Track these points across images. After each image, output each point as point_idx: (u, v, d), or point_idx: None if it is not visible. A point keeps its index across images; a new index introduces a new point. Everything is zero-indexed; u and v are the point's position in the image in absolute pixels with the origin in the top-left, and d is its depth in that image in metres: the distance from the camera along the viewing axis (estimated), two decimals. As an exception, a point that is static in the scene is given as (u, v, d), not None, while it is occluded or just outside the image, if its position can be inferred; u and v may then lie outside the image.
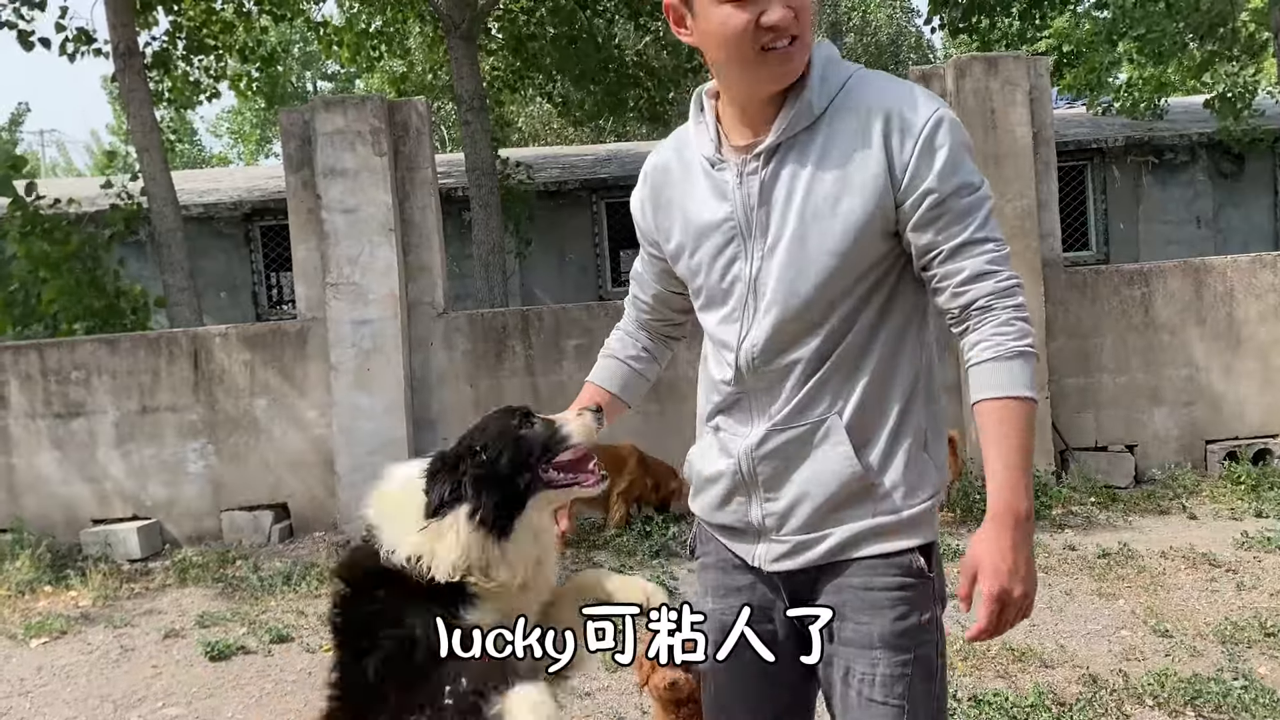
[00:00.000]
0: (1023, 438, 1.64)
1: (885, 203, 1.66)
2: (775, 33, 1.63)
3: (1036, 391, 1.66)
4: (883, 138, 1.65)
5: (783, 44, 1.65)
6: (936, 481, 1.79)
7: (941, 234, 1.66)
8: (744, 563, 1.87)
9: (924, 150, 1.63)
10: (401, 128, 7.29)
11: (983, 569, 1.61)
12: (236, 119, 34.60)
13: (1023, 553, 1.62)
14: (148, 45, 10.76)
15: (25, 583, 6.24)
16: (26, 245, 8.57)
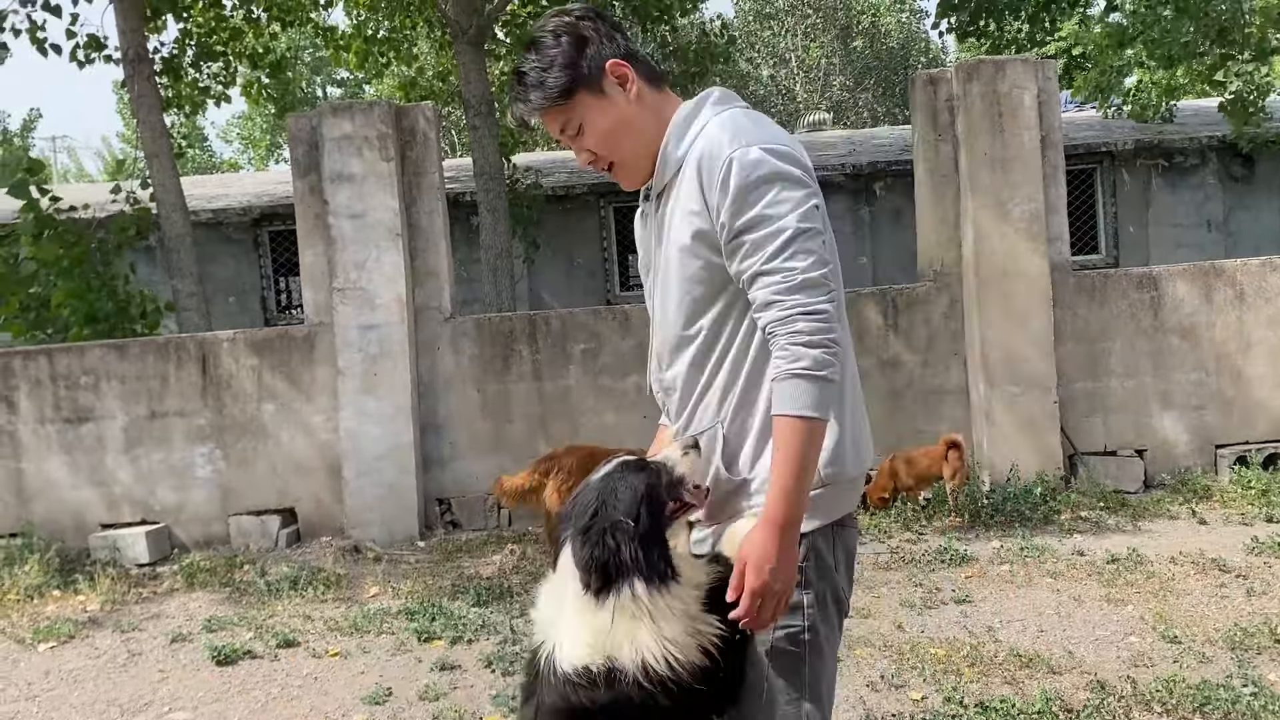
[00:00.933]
0: (789, 452, 1.79)
1: (712, 238, 1.89)
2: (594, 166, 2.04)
3: (814, 410, 1.79)
4: (699, 181, 1.89)
5: (605, 171, 2.05)
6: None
7: (743, 264, 1.86)
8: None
9: (721, 189, 1.84)
10: (409, 133, 7.31)
11: (748, 566, 1.79)
12: (247, 125, 34.73)
13: (784, 554, 1.79)
14: (157, 52, 10.81)
15: (34, 587, 6.26)
16: (38, 249, 8.61)
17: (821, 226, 1.87)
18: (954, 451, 6.61)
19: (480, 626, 5.09)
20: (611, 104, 1.98)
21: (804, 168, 1.88)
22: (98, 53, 10.62)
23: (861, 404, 2.04)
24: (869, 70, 31.83)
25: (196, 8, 11.43)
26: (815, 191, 1.89)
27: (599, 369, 7.32)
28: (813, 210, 1.86)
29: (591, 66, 1.96)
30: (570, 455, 6.46)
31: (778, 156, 1.85)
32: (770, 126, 1.94)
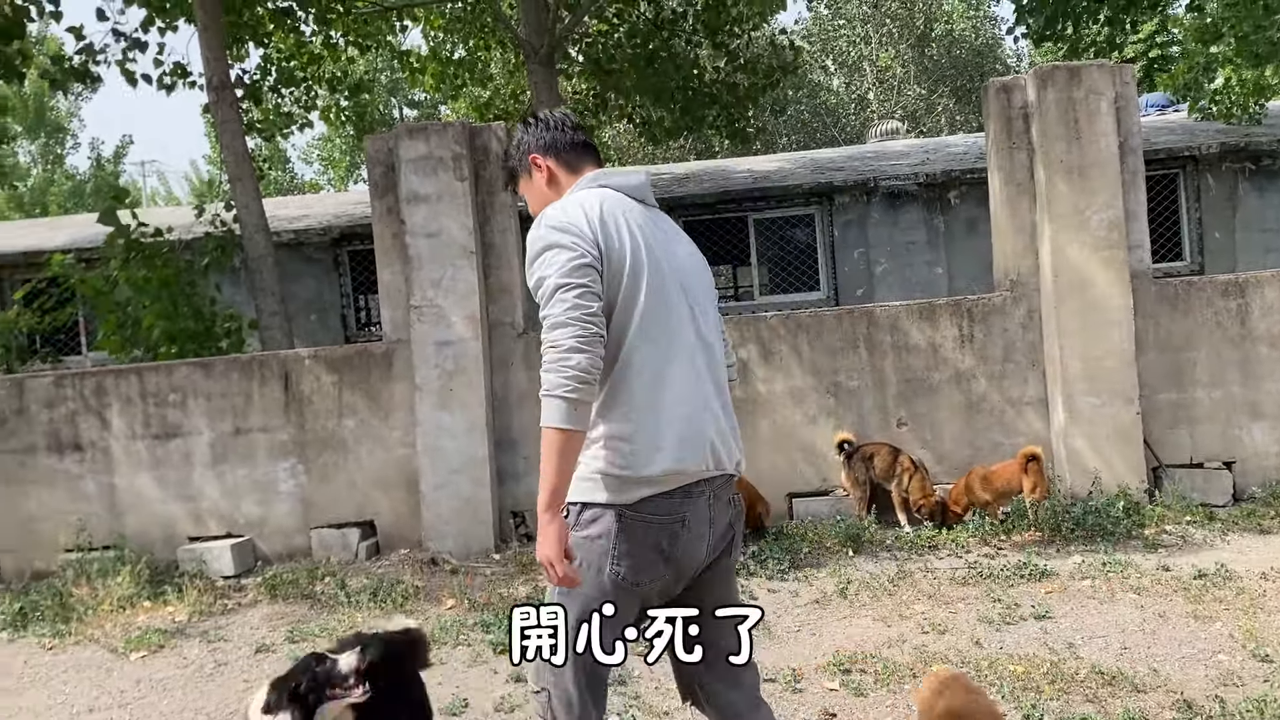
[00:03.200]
0: (543, 454, 2.42)
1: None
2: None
3: (552, 421, 2.39)
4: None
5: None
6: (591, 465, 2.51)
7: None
8: None
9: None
10: (482, 152, 7.44)
11: (537, 545, 2.45)
12: (327, 146, 35.60)
13: (543, 532, 2.42)
14: (240, 78, 11.17)
15: (125, 598, 6.48)
16: (127, 272, 8.94)
17: (571, 290, 2.41)
18: (1033, 465, 6.49)
19: (554, 639, 5.13)
20: (533, 185, 2.77)
21: (574, 233, 2.45)
22: (183, 80, 11.02)
23: (673, 412, 2.50)
24: (944, 78, 31.45)
25: (277, 34, 11.79)
26: (574, 251, 2.43)
27: (670, 383, 7.34)
28: (575, 268, 2.42)
29: (520, 159, 2.77)
30: None
31: (549, 228, 2.48)
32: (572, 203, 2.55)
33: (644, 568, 2.51)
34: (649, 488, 2.48)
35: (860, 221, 13.45)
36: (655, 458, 2.47)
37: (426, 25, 13.44)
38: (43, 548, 7.52)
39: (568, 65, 13.15)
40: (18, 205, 30.27)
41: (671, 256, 2.64)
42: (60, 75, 10.01)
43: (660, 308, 2.54)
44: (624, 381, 2.50)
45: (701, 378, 2.61)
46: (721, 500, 2.67)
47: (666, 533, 2.52)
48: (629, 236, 2.52)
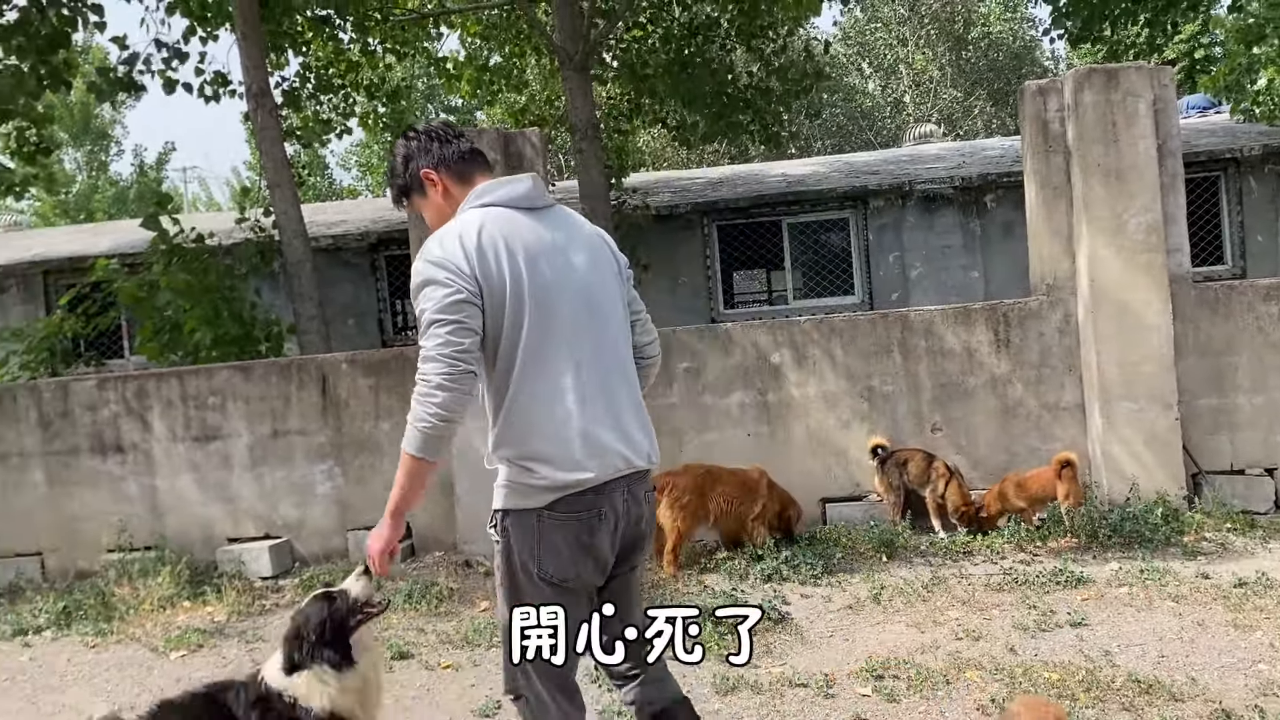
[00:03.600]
0: (399, 473, 2.68)
1: None
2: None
3: (408, 447, 2.62)
4: None
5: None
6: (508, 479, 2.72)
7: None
8: None
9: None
10: (517, 158, 7.49)
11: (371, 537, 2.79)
12: (364, 152, 35.93)
13: (381, 530, 2.77)
14: (279, 86, 11.32)
15: (166, 598, 6.59)
16: (169, 277, 9.10)
17: (445, 326, 2.55)
18: (1067, 471, 6.42)
19: (586, 642, 5.16)
20: (429, 201, 2.87)
21: (451, 270, 2.58)
22: (223, 88, 11.19)
23: (572, 428, 2.65)
24: (981, 80, 31.22)
25: (316, 42, 11.94)
26: (450, 287, 2.57)
27: (702, 387, 7.35)
28: (450, 304, 2.57)
29: (411, 177, 2.87)
30: (685, 474, 6.52)
31: (428, 264, 2.62)
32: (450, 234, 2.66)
33: (568, 563, 2.67)
34: (555, 491, 2.65)
35: (895, 225, 13.38)
36: (561, 473, 2.64)
37: (463, 32, 13.55)
38: (85, 548, 7.66)
39: (602, 70, 13.20)
40: (63, 211, 30.84)
41: (565, 267, 2.74)
42: (105, 85, 10.20)
43: (550, 327, 2.66)
44: (520, 404, 2.67)
45: (600, 385, 2.73)
46: (635, 495, 2.80)
47: (585, 527, 2.68)
48: (509, 263, 2.64)
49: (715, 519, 6.54)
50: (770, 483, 6.69)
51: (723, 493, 6.51)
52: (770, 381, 7.33)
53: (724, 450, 7.19)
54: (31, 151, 11.47)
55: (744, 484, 6.60)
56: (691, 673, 4.71)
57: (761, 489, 6.62)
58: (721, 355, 7.35)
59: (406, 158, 2.87)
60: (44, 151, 11.61)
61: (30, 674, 5.56)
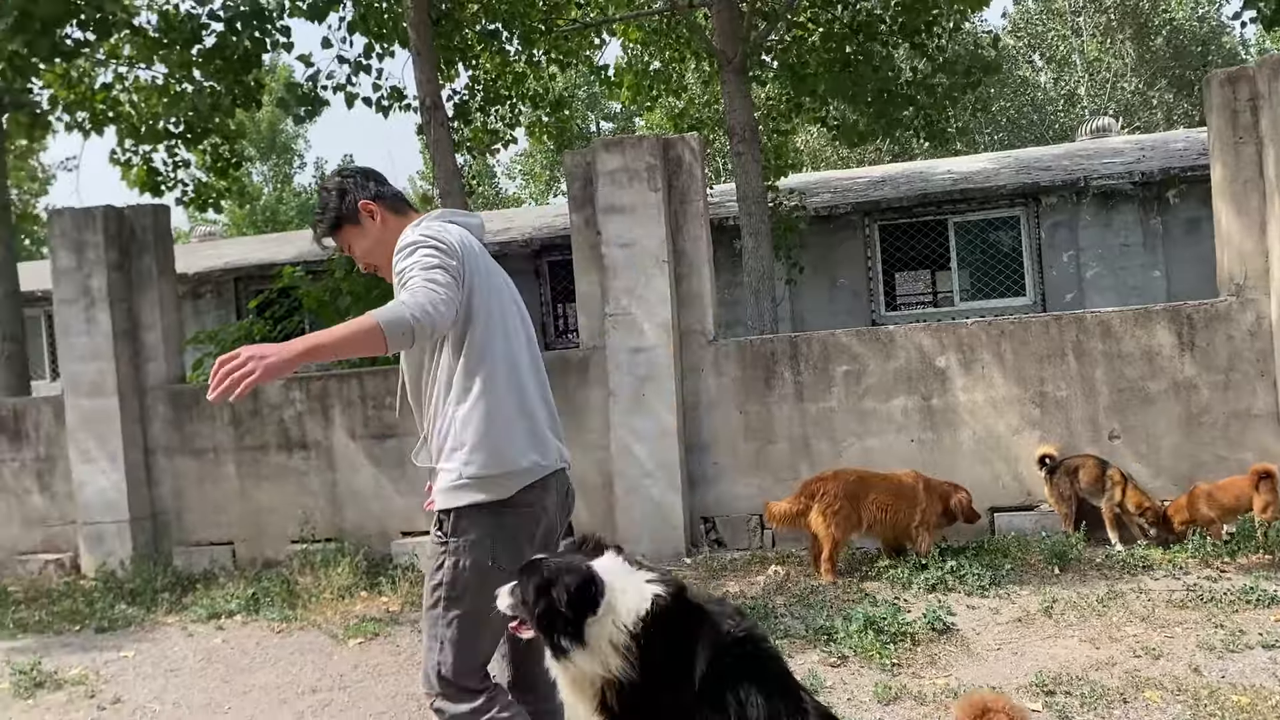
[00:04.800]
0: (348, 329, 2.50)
1: None
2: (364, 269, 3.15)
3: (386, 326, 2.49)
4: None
5: (372, 271, 3.11)
6: (463, 472, 2.78)
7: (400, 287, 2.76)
8: None
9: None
10: (675, 163, 7.56)
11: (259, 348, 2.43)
12: (528, 161, 36.94)
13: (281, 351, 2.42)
14: (450, 99, 11.77)
15: (345, 587, 6.95)
16: (349, 282, 9.60)
17: (445, 273, 2.68)
18: (1266, 482, 6.01)
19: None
20: (366, 231, 3.02)
21: (444, 244, 2.76)
22: (398, 102, 11.71)
23: (516, 421, 2.83)
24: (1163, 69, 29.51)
25: (484, 55, 12.36)
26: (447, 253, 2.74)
27: (863, 391, 7.24)
28: (438, 260, 2.71)
29: (348, 209, 3.01)
30: (836, 480, 6.44)
31: (424, 235, 2.78)
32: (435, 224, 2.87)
33: (519, 553, 2.79)
34: (518, 480, 2.82)
35: (1070, 223, 12.82)
36: (521, 454, 2.83)
37: (624, 39, 13.76)
38: (272, 538, 8.17)
39: (761, 72, 13.16)
40: (252, 222, 32.94)
41: (508, 290, 3.02)
42: (293, 101, 10.84)
43: (508, 326, 2.92)
44: (485, 391, 2.82)
45: (540, 388, 2.99)
46: (563, 491, 3.03)
47: (533, 520, 2.88)
48: (481, 264, 2.90)
49: (869, 526, 6.42)
50: (927, 484, 6.51)
51: (876, 500, 6.38)
52: (935, 386, 7.15)
53: (885, 456, 7.06)
54: (225, 166, 12.29)
55: (899, 490, 6.44)
56: (852, 680, 4.65)
57: (919, 494, 6.45)
58: (883, 359, 7.21)
59: (342, 192, 3.04)
60: (236, 166, 12.42)
61: (223, 655, 5.97)
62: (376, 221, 3.02)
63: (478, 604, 2.77)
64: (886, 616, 5.25)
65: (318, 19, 9.97)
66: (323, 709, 4.89)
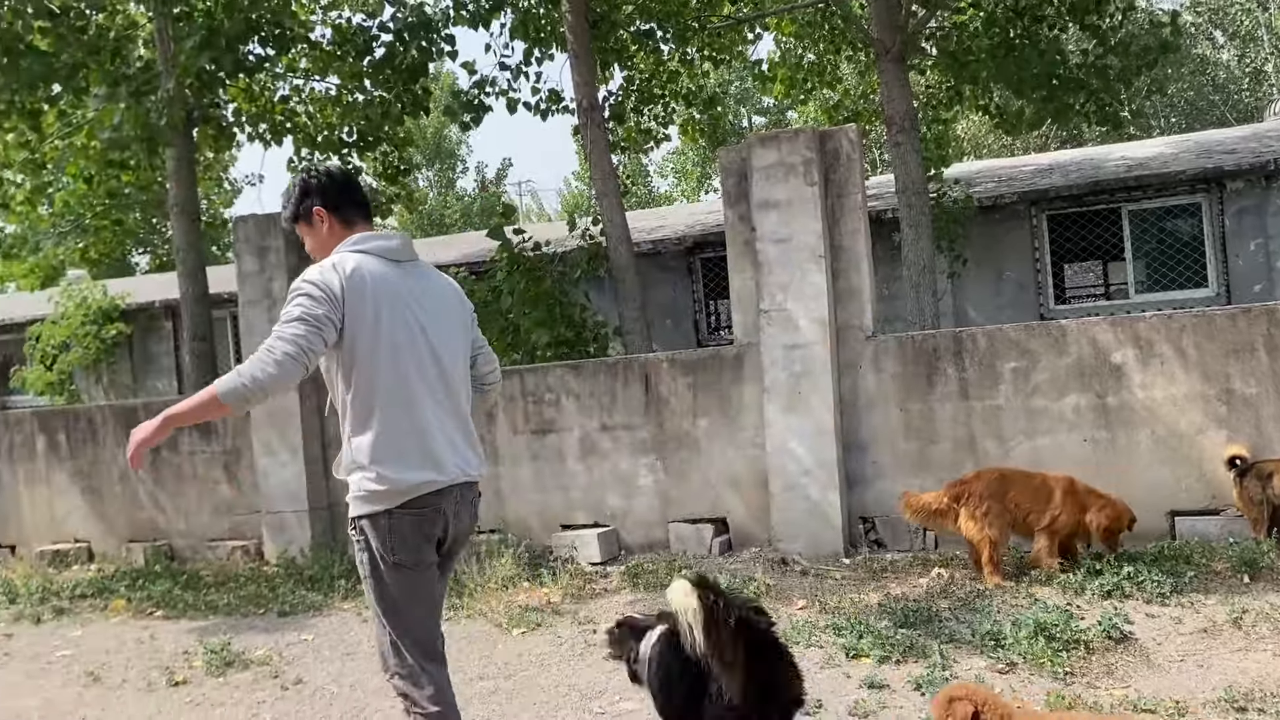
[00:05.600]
0: (195, 401, 3.06)
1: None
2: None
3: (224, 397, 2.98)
4: None
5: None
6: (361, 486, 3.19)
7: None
8: None
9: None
10: (832, 156, 7.45)
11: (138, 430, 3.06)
12: (679, 159, 37.10)
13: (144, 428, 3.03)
14: (606, 100, 11.95)
15: (508, 578, 7.14)
16: (511, 283, 9.87)
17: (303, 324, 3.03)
18: None
19: (908, 648, 5.05)
20: (315, 232, 3.39)
21: (322, 288, 3.10)
22: (556, 105, 11.96)
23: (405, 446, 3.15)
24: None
25: (638, 56, 12.48)
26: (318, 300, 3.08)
27: (1031, 389, 6.95)
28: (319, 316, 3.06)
29: (305, 209, 3.38)
30: (979, 480, 6.24)
31: (306, 281, 3.14)
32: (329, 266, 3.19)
33: (416, 549, 3.22)
34: (406, 494, 3.16)
35: (1258, 209, 11.99)
36: (407, 476, 3.15)
37: (777, 33, 13.65)
38: (440, 529, 8.47)
39: (919, 60, 12.82)
40: (418, 226, 34.25)
41: (417, 307, 3.26)
42: (459, 108, 11.22)
43: (399, 357, 3.19)
44: (376, 421, 3.16)
45: (439, 409, 3.25)
46: (465, 500, 3.33)
47: (428, 521, 3.22)
48: (371, 303, 3.15)
49: (1011, 525, 6.17)
50: (1071, 489, 6.16)
51: (1013, 498, 6.12)
52: (1110, 383, 6.81)
53: (1055, 456, 6.77)
54: (394, 173, 12.83)
55: (1036, 490, 6.13)
56: (1022, 687, 4.49)
57: (1055, 497, 6.13)
58: (1054, 354, 6.92)
59: (305, 192, 3.39)
60: (405, 173, 12.95)
61: (396, 639, 6.22)
62: (324, 227, 3.37)
63: (391, 591, 3.24)
64: (1058, 623, 5.04)
65: (481, 26, 10.29)
66: (489, 696, 5.05)
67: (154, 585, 8.01)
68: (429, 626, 3.31)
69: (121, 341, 17.05)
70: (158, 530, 9.48)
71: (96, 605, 7.72)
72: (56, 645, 6.72)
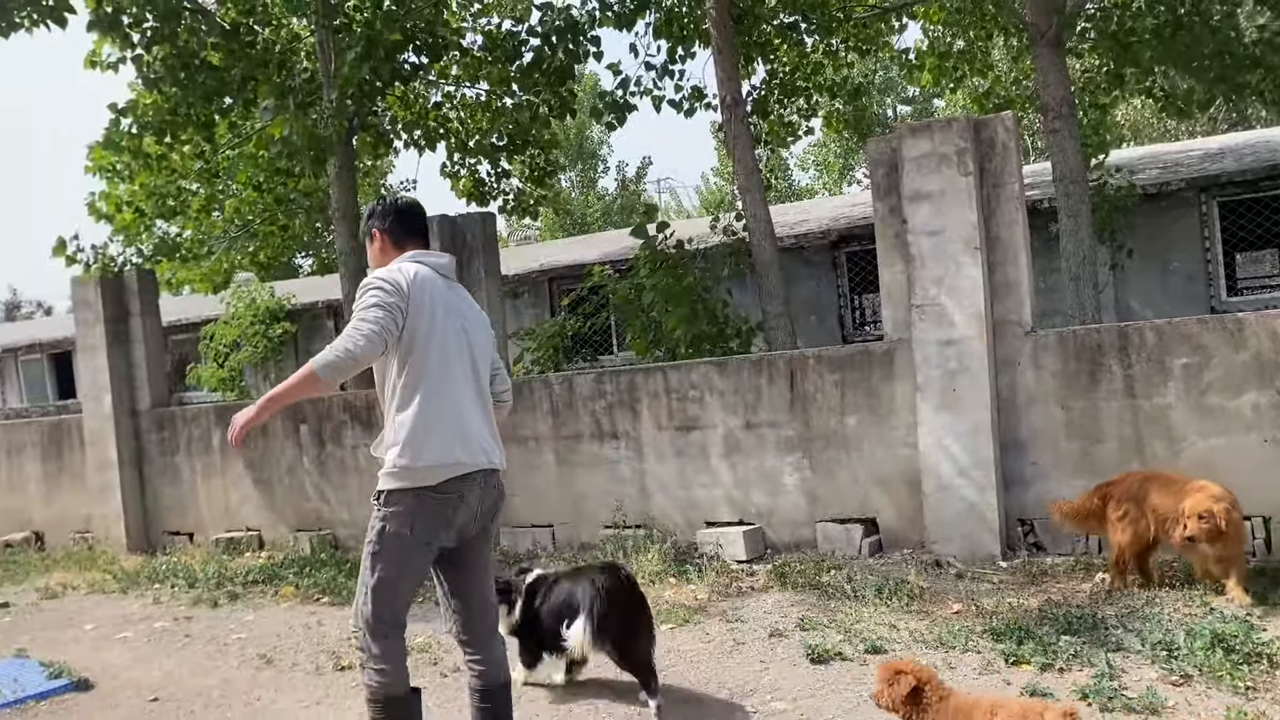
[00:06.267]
0: (293, 379, 3.50)
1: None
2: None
3: (322, 372, 3.43)
4: None
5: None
6: (395, 462, 3.60)
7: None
8: None
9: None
10: (987, 145, 7.21)
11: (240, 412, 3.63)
12: (821, 152, 36.60)
13: (247, 411, 3.58)
14: (749, 95, 11.88)
15: (654, 573, 7.19)
16: (654, 280, 9.93)
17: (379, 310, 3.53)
18: None
19: (1072, 656, 4.85)
20: (373, 249, 3.97)
21: (392, 284, 3.59)
22: (699, 102, 11.96)
23: (442, 426, 3.61)
24: None
25: (781, 49, 12.37)
26: (389, 293, 3.57)
27: (1205, 386, 6.56)
28: (390, 303, 3.55)
29: (368, 228, 3.98)
30: (1124, 482, 5.99)
31: (377, 277, 3.63)
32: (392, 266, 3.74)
33: (433, 529, 3.64)
34: (436, 474, 3.58)
35: None
36: (443, 453, 3.59)
37: (925, 20, 13.31)
38: (587, 523, 8.61)
39: (1077, 43, 12.27)
40: (561, 225, 34.86)
41: (460, 316, 3.78)
42: (605, 109, 11.36)
43: (446, 352, 3.67)
44: (418, 402, 3.60)
45: (473, 402, 3.75)
46: (488, 486, 3.76)
47: (450, 505, 3.63)
48: (429, 301, 3.65)
49: (1151, 531, 5.84)
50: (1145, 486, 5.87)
51: (1153, 505, 5.78)
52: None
53: (1232, 458, 6.37)
54: (541, 175, 13.08)
55: (1172, 496, 5.76)
56: (1198, 701, 4.25)
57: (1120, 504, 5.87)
58: (1230, 349, 6.51)
59: (369, 215, 3.99)
60: (551, 174, 13.19)
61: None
62: (377, 245, 3.93)
63: (396, 563, 3.64)
64: (1238, 634, 4.75)
65: (626, 27, 10.38)
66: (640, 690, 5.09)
67: (319, 572, 8.41)
68: (407, 599, 3.75)
69: (287, 340, 17.99)
70: (322, 520, 9.95)
71: (267, 591, 8.15)
72: (232, 629, 7.12)
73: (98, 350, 10.88)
